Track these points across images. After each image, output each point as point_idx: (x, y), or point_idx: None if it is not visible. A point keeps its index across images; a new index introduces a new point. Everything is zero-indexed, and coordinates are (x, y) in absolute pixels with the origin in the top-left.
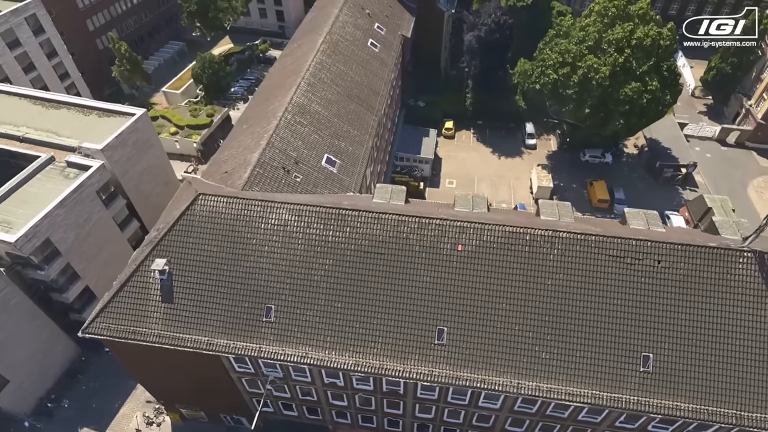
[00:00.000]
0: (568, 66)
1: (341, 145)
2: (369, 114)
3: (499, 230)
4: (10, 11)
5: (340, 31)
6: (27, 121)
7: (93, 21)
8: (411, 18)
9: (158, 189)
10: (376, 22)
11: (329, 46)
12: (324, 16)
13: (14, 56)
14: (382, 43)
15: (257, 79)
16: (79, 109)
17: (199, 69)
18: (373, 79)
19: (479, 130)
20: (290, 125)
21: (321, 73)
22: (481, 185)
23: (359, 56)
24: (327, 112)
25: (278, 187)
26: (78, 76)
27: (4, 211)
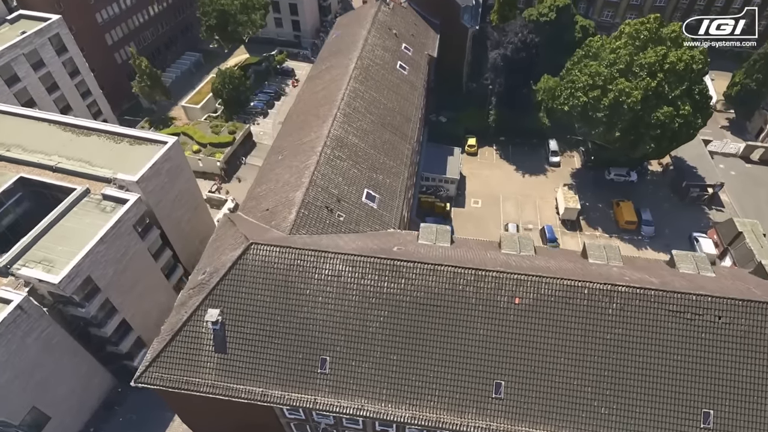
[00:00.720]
0: (599, 89)
1: (379, 178)
2: (403, 143)
3: (556, 283)
4: (35, 32)
5: (370, 55)
6: (58, 149)
7: (111, 35)
8: (435, 36)
9: (188, 215)
10: (403, 43)
11: (361, 72)
12: (351, 36)
13: (38, 77)
14: (410, 64)
15: (276, 92)
16: (109, 136)
17: (219, 84)
18: (404, 104)
19: (502, 146)
20: (330, 160)
21: (355, 101)
22: (507, 205)
23: (390, 80)
24: (363, 143)
25: (323, 228)
26: (99, 93)
27: (43, 248)
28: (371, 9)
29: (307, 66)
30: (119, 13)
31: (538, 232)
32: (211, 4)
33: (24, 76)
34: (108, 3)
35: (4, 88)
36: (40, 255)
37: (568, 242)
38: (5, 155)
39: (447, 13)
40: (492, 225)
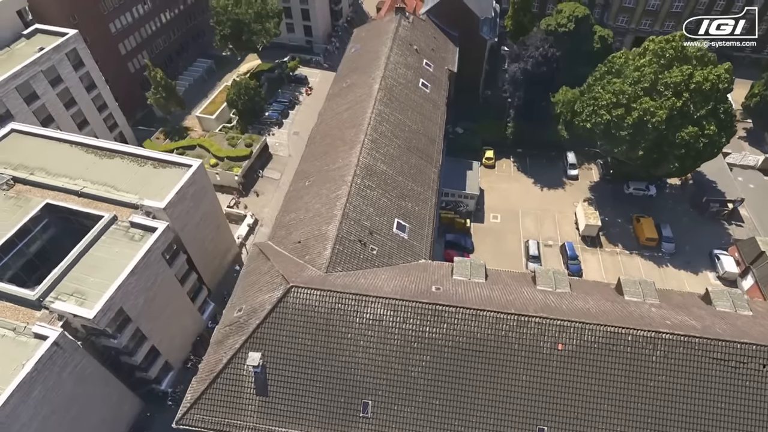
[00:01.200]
0: (623, 107)
1: (408, 206)
2: (429, 166)
3: (599, 330)
4: (53, 48)
5: (393, 74)
6: (82, 172)
7: (125, 44)
8: (455, 49)
9: (211, 234)
10: (424, 59)
11: (385, 94)
12: (372, 53)
13: (56, 93)
14: (432, 81)
15: (290, 101)
16: (133, 159)
17: (234, 94)
18: (428, 124)
19: (519, 158)
20: (360, 190)
21: (381, 125)
22: (526, 220)
23: (413, 100)
24: (391, 170)
25: (357, 263)
26: (115, 105)
27: (75, 279)
28: (391, 24)
29: (319, 72)
30: (132, 22)
31: (559, 248)
32: (225, 14)
33: (42, 93)
34: (121, 12)
35: (23, 107)
36: (71, 287)
37: (589, 259)
38: (29, 179)
39: (466, 26)
40: (512, 241)
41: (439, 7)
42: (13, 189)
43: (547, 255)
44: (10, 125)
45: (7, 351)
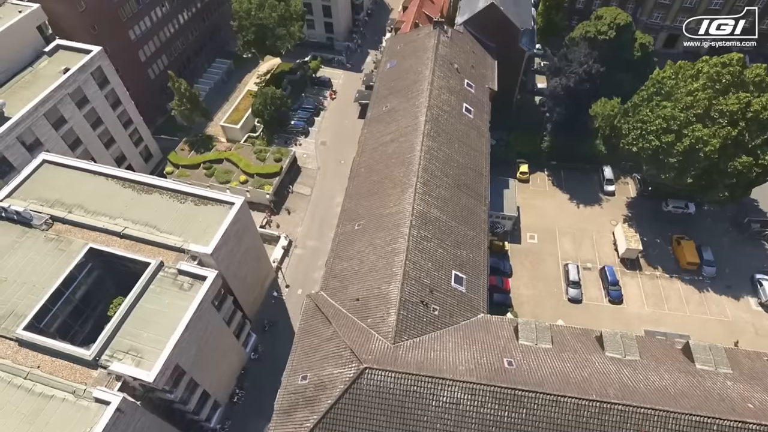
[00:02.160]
0: (673, 134)
1: (463, 255)
2: (479, 205)
3: (685, 419)
4: (78, 69)
5: (437, 101)
6: (121, 210)
7: (144, 51)
8: (493, 63)
9: (252, 268)
10: (465, 79)
11: (432, 126)
12: (411, 73)
13: (83, 114)
14: (474, 104)
15: (315, 108)
16: (172, 195)
17: (260, 105)
18: (474, 156)
19: (553, 171)
20: (417, 243)
21: (431, 164)
22: (563, 241)
23: (458, 130)
24: (444, 215)
25: (422, 327)
26: (139, 119)
27: (128, 334)
28: (430, 39)
29: (342, 73)
30: (150, 26)
31: (598, 272)
32: (248, 18)
33: (70, 117)
34: (140, 18)
35: (51, 133)
36: (126, 343)
37: (629, 283)
38: (69, 218)
39: (504, 37)
40: (550, 263)
41: (478, 18)
42: (52, 229)
43: (586, 279)
44: (42, 155)
45: (69, 416)
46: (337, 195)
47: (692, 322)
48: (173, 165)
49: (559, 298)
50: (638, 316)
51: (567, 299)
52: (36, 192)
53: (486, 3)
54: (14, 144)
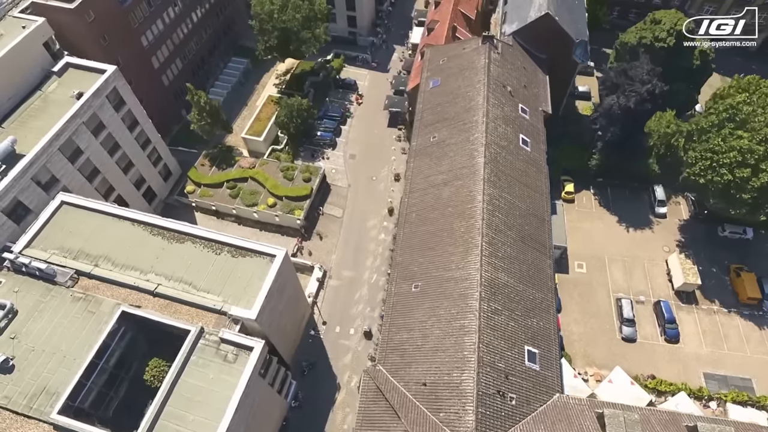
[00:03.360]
0: (749, 168)
1: (534, 324)
2: (543, 258)
3: None
4: (92, 94)
5: (494, 136)
6: (152, 262)
7: (158, 56)
8: (545, 79)
9: (291, 313)
10: (519, 103)
11: (492, 169)
12: (461, 98)
13: (100, 142)
14: (531, 134)
15: (342, 115)
16: (206, 244)
17: (285, 117)
18: (535, 199)
19: (600, 189)
20: (489, 319)
21: (494, 217)
22: (613, 269)
23: (517, 168)
24: (512, 278)
25: (500, 423)
26: (158, 138)
27: (173, 416)
28: (479, 56)
29: (367, 73)
30: (163, 30)
31: (652, 307)
32: (270, 21)
33: (86, 147)
34: (152, 22)
35: (68, 167)
36: (171, 427)
37: (685, 319)
38: (96, 273)
39: (557, 49)
40: (601, 296)
41: (529, 29)
42: (78, 285)
43: (639, 314)
44: (60, 196)
45: None
46: (370, 217)
47: (754, 363)
48: (194, 183)
49: (611, 335)
50: (696, 357)
51: (621, 338)
52: (57, 240)
53: (540, 12)
54: (29, 186)
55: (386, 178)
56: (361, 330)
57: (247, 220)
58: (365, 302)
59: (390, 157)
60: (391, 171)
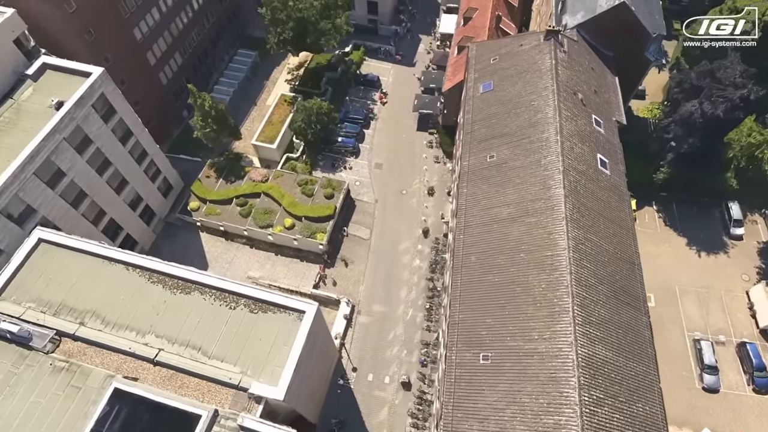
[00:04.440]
0: None
1: (638, 411)
2: (639, 316)
3: None
4: (74, 105)
5: (571, 158)
6: (152, 319)
7: (154, 51)
8: (614, 80)
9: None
10: (592, 114)
11: (574, 203)
12: (524, 108)
13: (86, 161)
14: (608, 152)
15: (365, 117)
16: (218, 295)
17: (302, 123)
18: (621, 236)
19: (664, 206)
20: (592, 415)
21: (583, 268)
22: (686, 303)
23: (599, 198)
24: (611, 351)
25: None
26: (155, 149)
27: None
28: (543, 56)
29: (391, 67)
30: (159, 19)
31: (735, 349)
32: (284, 10)
33: (69, 168)
34: (146, 10)
35: (47, 193)
36: None
37: None
38: (82, 335)
39: (628, 45)
40: (674, 335)
41: (598, 21)
42: (60, 349)
43: (720, 357)
44: (37, 233)
45: None
46: (402, 238)
47: None
48: (199, 198)
49: (690, 384)
50: None
51: (701, 387)
52: (33, 290)
53: (614, 1)
54: None
55: (418, 192)
56: (398, 379)
57: (260, 242)
58: (401, 344)
59: (421, 166)
60: (424, 183)
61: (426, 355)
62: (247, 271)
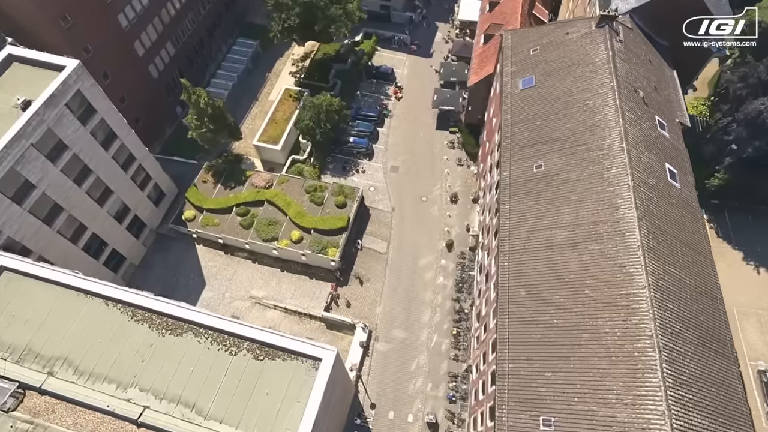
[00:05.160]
0: None
1: None
2: (729, 366)
3: None
4: (44, 104)
5: (639, 171)
6: (135, 368)
7: (142, 41)
8: (672, 75)
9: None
10: (655, 115)
11: (649, 228)
12: (577, 109)
13: (60, 169)
14: (676, 162)
15: (379, 115)
16: (215, 338)
17: (310, 121)
18: (699, 264)
19: (715, 214)
20: None
21: (666, 311)
22: (747, 327)
23: (672, 219)
24: (707, 419)
25: None
26: (144, 153)
27: None
28: (597, 47)
29: (405, 59)
30: (147, 4)
31: None
32: None
33: (40, 179)
34: None
35: (13, 209)
36: None
37: None
38: (50, 389)
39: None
40: None
41: (656, 4)
42: (23, 406)
43: None
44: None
45: None
46: (423, 252)
47: None
48: (194, 207)
49: (757, 424)
50: None
51: None
52: None
53: None
54: None
55: (440, 199)
56: (423, 417)
57: (264, 256)
58: (425, 375)
59: (442, 169)
60: (446, 189)
61: (455, 390)
62: (250, 289)
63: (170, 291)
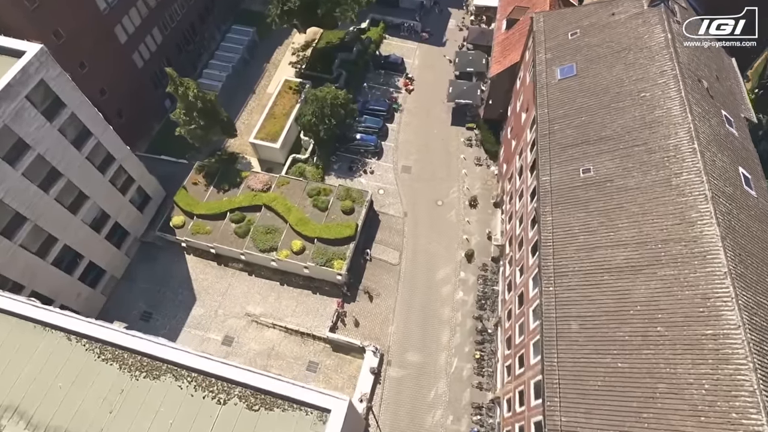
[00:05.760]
0: None
1: None
2: None
3: None
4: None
5: (715, 179)
6: (100, 419)
7: (124, 26)
8: (730, 61)
9: None
10: (722, 110)
11: (734, 249)
12: (631, 102)
13: (21, 173)
14: (748, 165)
15: (388, 109)
16: (198, 382)
17: (313, 116)
18: None
19: None
20: None
21: (764, 357)
22: None
23: (755, 235)
24: None
25: None
26: (125, 152)
27: None
28: (651, 28)
29: (416, 47)
30: None
31: None
32: None
33: None
34: None
35: None
36: None
37: None
38: None
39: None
40: None
41: None
42: None
43: None
44: None
45: None
46: (439, 263)
47: None
48: (184, 212)
49: None
50: None
51: None
52: None
53: None
54: None
55: (457, 203)
56: None
57: (262, 267)
58: (444, 406)
59: (459, 169)
60: (464, 191)
61: (479, 424)
62: (246, 305)
63: (156, 307)
